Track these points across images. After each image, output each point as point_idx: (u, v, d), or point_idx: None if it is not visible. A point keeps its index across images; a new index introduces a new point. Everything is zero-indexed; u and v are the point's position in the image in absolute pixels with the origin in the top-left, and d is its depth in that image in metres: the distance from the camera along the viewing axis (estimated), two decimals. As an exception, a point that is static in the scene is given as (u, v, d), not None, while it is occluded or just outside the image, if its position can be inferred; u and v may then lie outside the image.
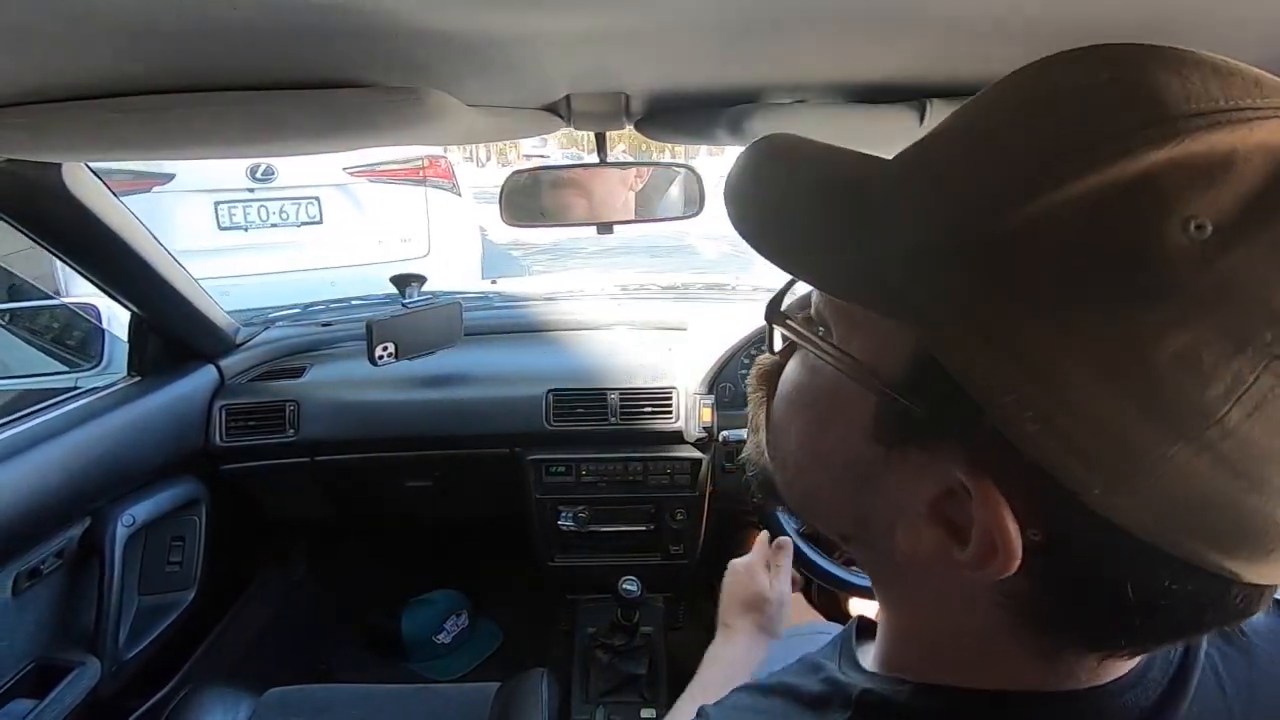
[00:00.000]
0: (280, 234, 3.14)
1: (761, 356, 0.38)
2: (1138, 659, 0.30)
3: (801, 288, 0.35)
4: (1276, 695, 0.33)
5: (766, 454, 0.36)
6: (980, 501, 0.25)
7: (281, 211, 3.14)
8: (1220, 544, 0.23)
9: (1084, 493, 0.23)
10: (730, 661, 0.75)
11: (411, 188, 3.31)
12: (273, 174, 3.05)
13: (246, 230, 3.10)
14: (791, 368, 0.34)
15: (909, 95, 0.67)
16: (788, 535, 1.05)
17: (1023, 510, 0.25)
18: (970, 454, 0.25)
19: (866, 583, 1.00)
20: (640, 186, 0.99)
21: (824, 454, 0.32)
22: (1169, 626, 0.26)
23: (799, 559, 1.04)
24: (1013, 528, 0.25)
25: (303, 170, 3.13)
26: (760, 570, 0.83)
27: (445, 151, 3.80)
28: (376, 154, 3.21)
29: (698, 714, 0.38)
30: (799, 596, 1.21)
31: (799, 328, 0.31)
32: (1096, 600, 0.26)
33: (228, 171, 3.02)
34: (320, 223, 3.20)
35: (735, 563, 0.85)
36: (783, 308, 0.33)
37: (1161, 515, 0.23)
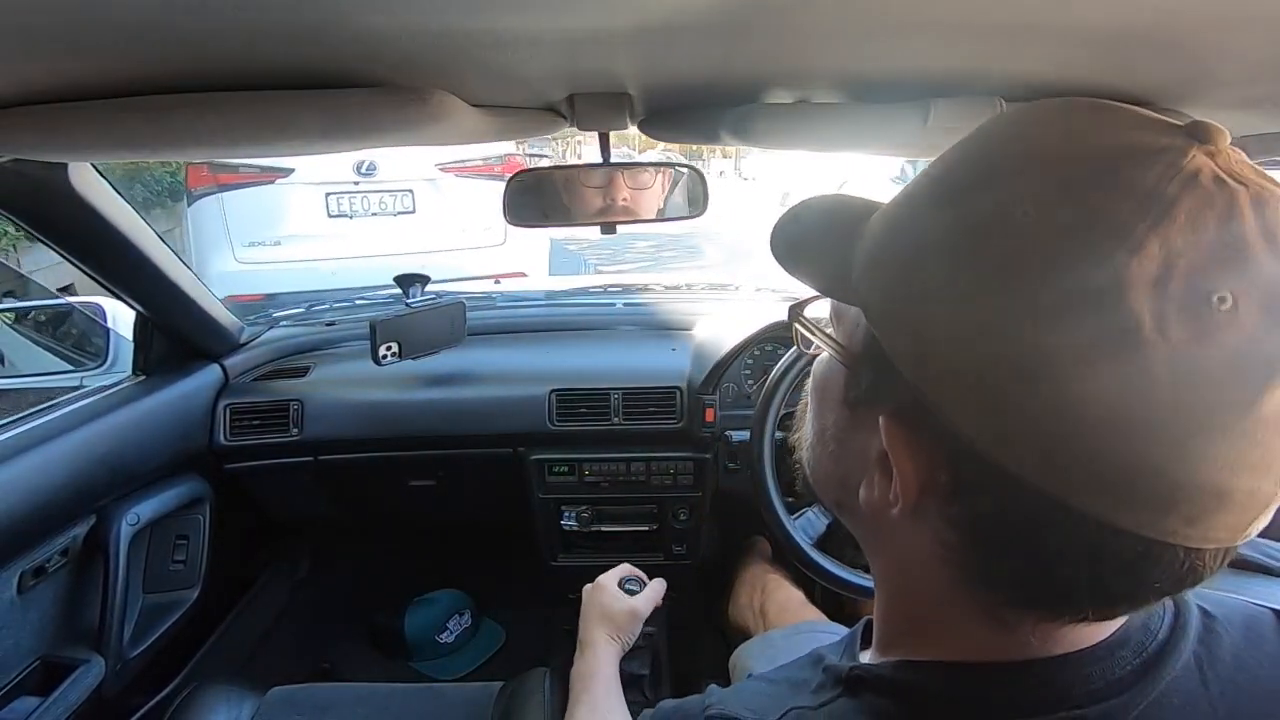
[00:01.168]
0: (380, 221, 3.59)
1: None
2: (1107, 633, 0.33)
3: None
4: (1263, 700, 0.33)
5: (800, 446, 0.43)
6: (886, 438, 0.32)
7: (381, 202, 3.58)
8: (1071, 482, 0.26)
9: (948, 419, 0.28)
10: (591, 675, 0.82)
11: (490, 182, 3.63)
12: (374, 169, 3.46)
13: (351, 218, 3.56)
14: (814, 367, 0.41)
15: (912, 95, 0.67)
16: (799, 544, 1.05)
17: (929, 452, 0.30)
18: (895, 408, 0.31)
19: (862, 581, 1.00)
20: (644, 187, 0.99)
21: (823, 429, 0.39)
22: (1104, 587, 0.29)
23: (800, 558, 1.04)
24: (906, 457, 0.31)
25: (399, 166, 3.53)
26: (609, 586, 0.93)
27: (518, 149, 4.23)
28: (461, 151, 3.60)
29: (708, 694, 0.42)
30: (800, 596, 1.21)
31: (804, 320, 0.39)
32: (1016, 552, 0.29)
33: (337, 167, 3.46)
34: (413, 212, 3.61)
35: (588, 585, 0.95)
36: (805, 313, 0.41)
37: (1008, 442, 0.27)
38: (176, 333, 1.30)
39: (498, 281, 2.07)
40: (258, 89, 0.58)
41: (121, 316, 1.60)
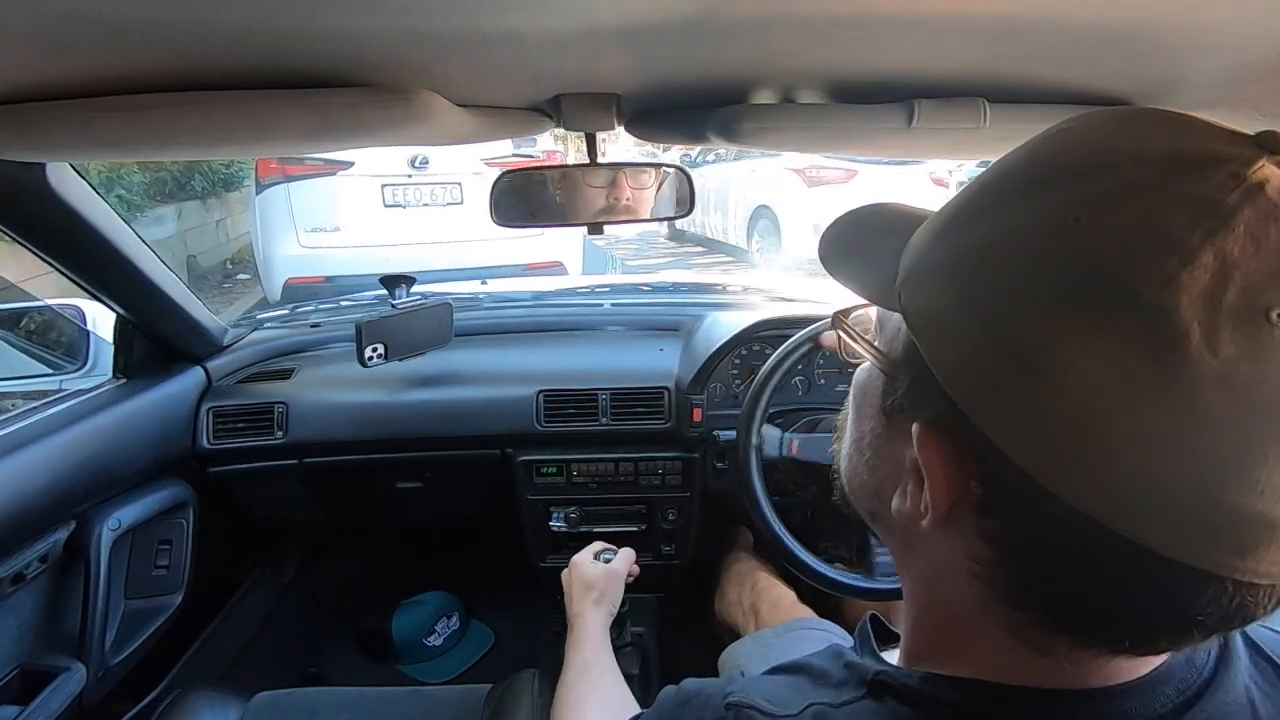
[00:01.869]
0: (430, 212, 3.91)
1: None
2: (1149, 668, 0.31)
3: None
4: None
5: (837, 456, 0.43)
6: (918, 445, 0.31)
7: (432, 193, 3.90)
8: (1102, 499, 0.25)
9: (985, 429, 0.27)
10: (581, 640, 0.86)
11: (532, 175, 3.90)
12: (427, 163, 3.79)
13: (404, 208, 3.89)
14: (855, 374, 0.41)
15: (898, 95, 0.68)
16: (778, 534, 1.05)
17: (963, 462, 0.30)
18: (931, 416, 0.31)
19: (850, 580, 1.01)
20: (631, 187, 0.99)
21: (860, 436, 0.39)
22: (1142, 616, 0.28)
23: (789, 558, 1.05)
24: (939, 466, 0.30)
25: (449, 161, 3.85)
26: (584, 561, 0.99)
27: (556, 144, 4.47)
28: (504, 147, 3.87)
29: (729, 680, 0.41)
30: (791, 594, 1.21)
31: (847, 326, 0.39)
32: (1049, 571, 0.29)
33: (392, 161, 3.78)
34: (461, 203, 3.91)
35: (565, 570, 1.00)
36: (850, 318, 0.41)
37: (1040, 455, 0.26)
38: (158, 335, 1.28)
39: (484, 282, 2.08)
40: (240, 88, 0.58)
41: (101, 319, 1.58)
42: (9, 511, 0.93)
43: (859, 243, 0.39)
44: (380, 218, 3.83)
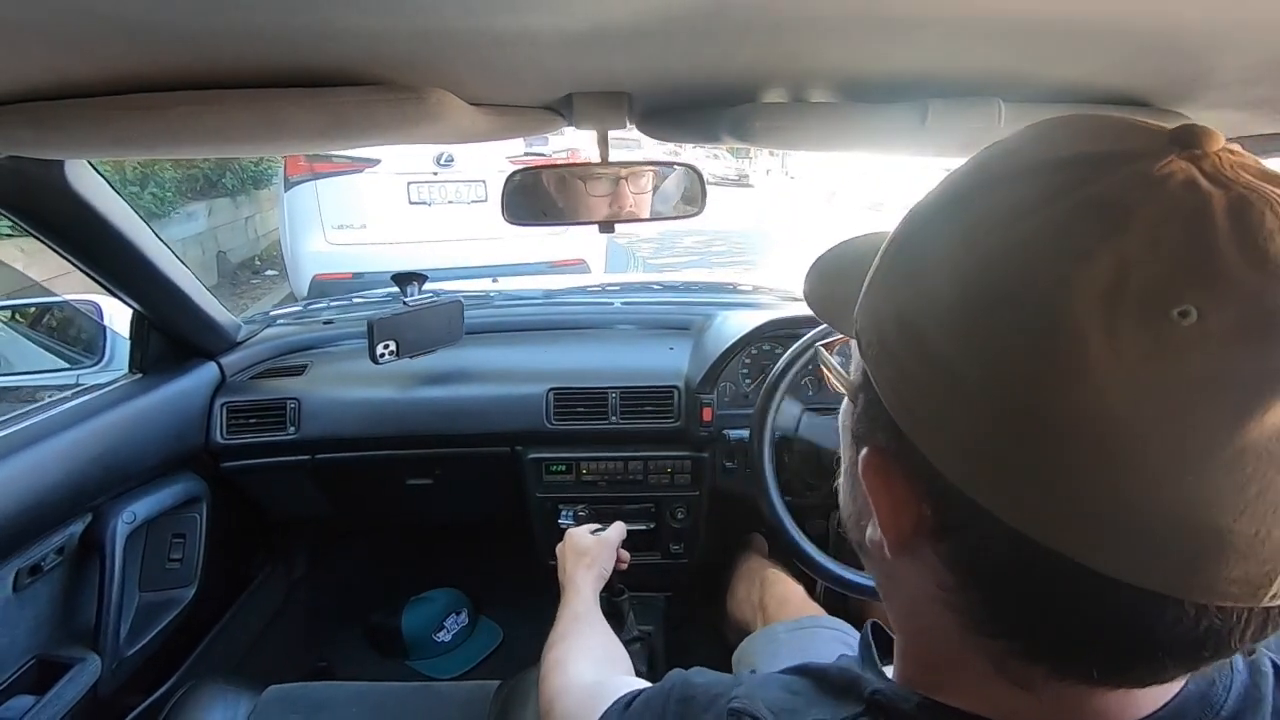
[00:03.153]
0: (455, 209, 3.95)
1: None
2: (1154, 706, 0.30)
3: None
4: None
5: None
6: (861, 471, 0.31)
7: (457, 191, 3.94)
8: (1033, 515, 0.25)
9: (922, 447, 0.27)
10: (578, 598, 0.89)
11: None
12: (452, 161, 3.83)
13: (430, 205, 3.93)
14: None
15: (911, 95, 0.67)
16: (789, 532, 1.05)
17: (913, 487, 0.29)
18: (881, 441, 0.31)
19: (862, 579, 1.01)
20: (642, 185, 0.99)
21: (846, 467, 0.38)
22: (1105, 643, 0.26)
23: (800, 556, 1.04)
24: (889, 493, 0.30)
25: (474, 159, 3.87)
26: (576, 531, 1.02)
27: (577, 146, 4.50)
28: (526, 145, 3.88)
29: (736, 679, 0.41)
30: (801, 590, 1.21)
31: (823, 355, 0.40)
32: (1010, 596, 0.28)
33: (418, 159, 3.83)
34: (485, 201, 3.93)
35: (560, 544, 1.03)
36: (835, 350, 0.42)
37: (973, 471, 0.26)
38: (173, 331, 1.29)
39: (495, 280, 2.09)
40: (256, 87, 0.58)
41: (118, 314, 1.59)
42: (27, 504, 0.95)
43: (836, 277, 0.39)
44: (406, 215, 3.88)
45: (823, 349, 0.42)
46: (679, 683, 0.42)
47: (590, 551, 0.97)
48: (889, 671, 0.38)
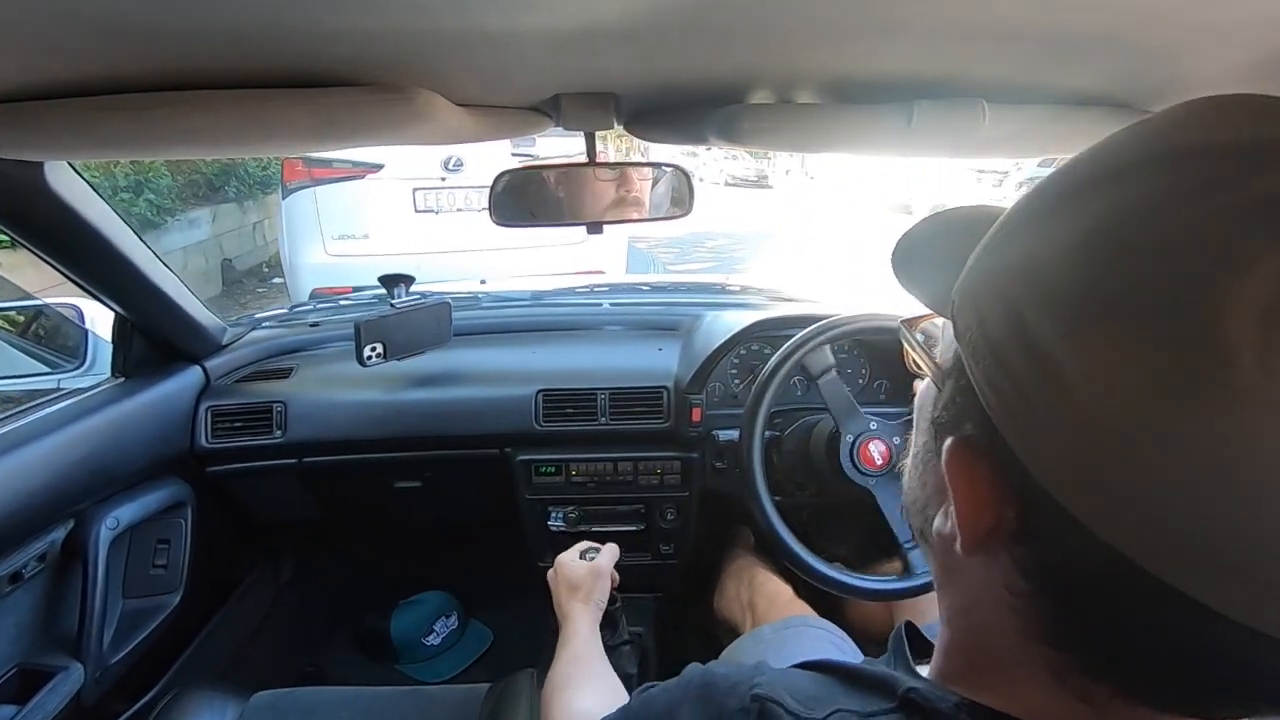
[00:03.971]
0: (464, 218, 3.62)
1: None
2: None
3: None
4: None
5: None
6: (946, 463, 0.29)
7: (466, 198, 3.61)
8: (1137, 539, 0.23)
9: (1018, 449, 0.26)
10: (571, 636, 0.86)
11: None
12: (461, 165, 3.51)
13: (437, 213, 3.62)
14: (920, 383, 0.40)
15: (897, 96, 0.68)
16: (779, 533, 1.06)
17: (999, 486, 0.28)
18: (970, 433, 0.29)
19: (850, 580, 1.01)
20: (631, 186, 0.99)
21: (917, 451, 0.37)
22: (1191, 676, 0.25)
23: (790, 557, 1.05)
24: (973, 490, 0.29)
25: (486, 164, 3.47)
26: (568, 560, 0.99)
27: (606, 147, 4.21)
28: (544, 151, 3.61)
29: (757, 669, 0.39)
30: (788, 590, 1.21)
31: (908, 335, 0.38)
32: (1087, 612, 0.26)
33: (425, 163, 3.51)
34: None
35: (550, 570, 1.00)
36: (918, 328, 0.40)
37: (1073, 482, 0.24)
38: (157, 334, 1.28)
39: (483, 281, 2.07)
40: (241, 87, 0.58)
41: (100, 318, 1.57)
42: (7, 510, 0.93)
43: (929, 248, 0.38)
44: (411, 224, 3.60)
45: (905, 326, 0.39)
46: (699, 672, 0.41)
47: (584, 584, 0.94)
48: (923, 671, 0.37)
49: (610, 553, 1.00)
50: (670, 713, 0.39)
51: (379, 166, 3.53)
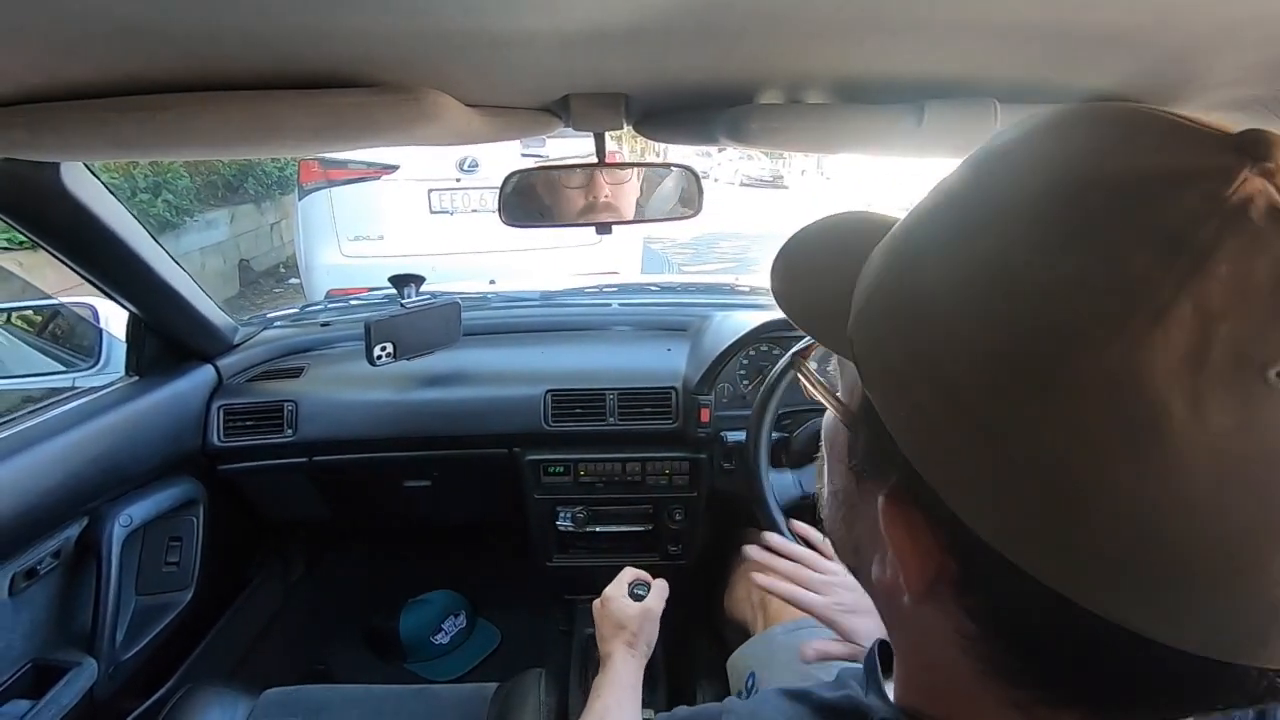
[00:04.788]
0: (479, 218, 3.56)
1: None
2: None
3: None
4: None
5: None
6: (884, 521, 0.28)
7: (481, 199, 3.55)
8: (1071, 574, 0.23)
9: (952, 502, 0.24)
10: (608, 683, 0.81)
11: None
12: (476, 166, 3.48)
13: (452, 214, 3.58)
14: (824, 417, 0.38)
15: (907, 97, 0.68)
16: (786, 535, 1.05)
17: (935, 537, 0.26)
18: (896, 484, 0.27)
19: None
20: (639, 186, 0.99)
21: (833, 488, 0.35)
22: (1157, 702, 0.25)
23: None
24: (914, 542, 0.27)
25: (500, 164, 3.50)
26: (617, 596, 0.92)
27: (620, 146, 4.23)
28: (561, 151, 3.56)
29: (724, 708, 0.39)
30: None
31: (805, 369, 0.35)
32: (1043, 651, 0.26)
33: (440, 164, 3.49)
34: None
35: (596, 602, 0.93)
36: (810, 361, 0.38)
37: (1010, 532, 0.23)
38: (170, 333, 1.29)
39: (492, 282, 2.07)
40: (252, 89, 0.58)
41: (114, 317, 1.59)
42: (23, 507, 0.94)
43: (811, 266, 0.34)
44: (426, 225, 3.56)
45: (801, 360, 0.37)
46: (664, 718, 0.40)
47: (630, 625, 0.87)
48: (890, 689, 0.37)
49: (660, 592, 0.95)
50: None
51: (394, 167, 3.52)
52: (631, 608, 0.90)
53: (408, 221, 3.56)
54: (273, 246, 6.67)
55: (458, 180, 3.56)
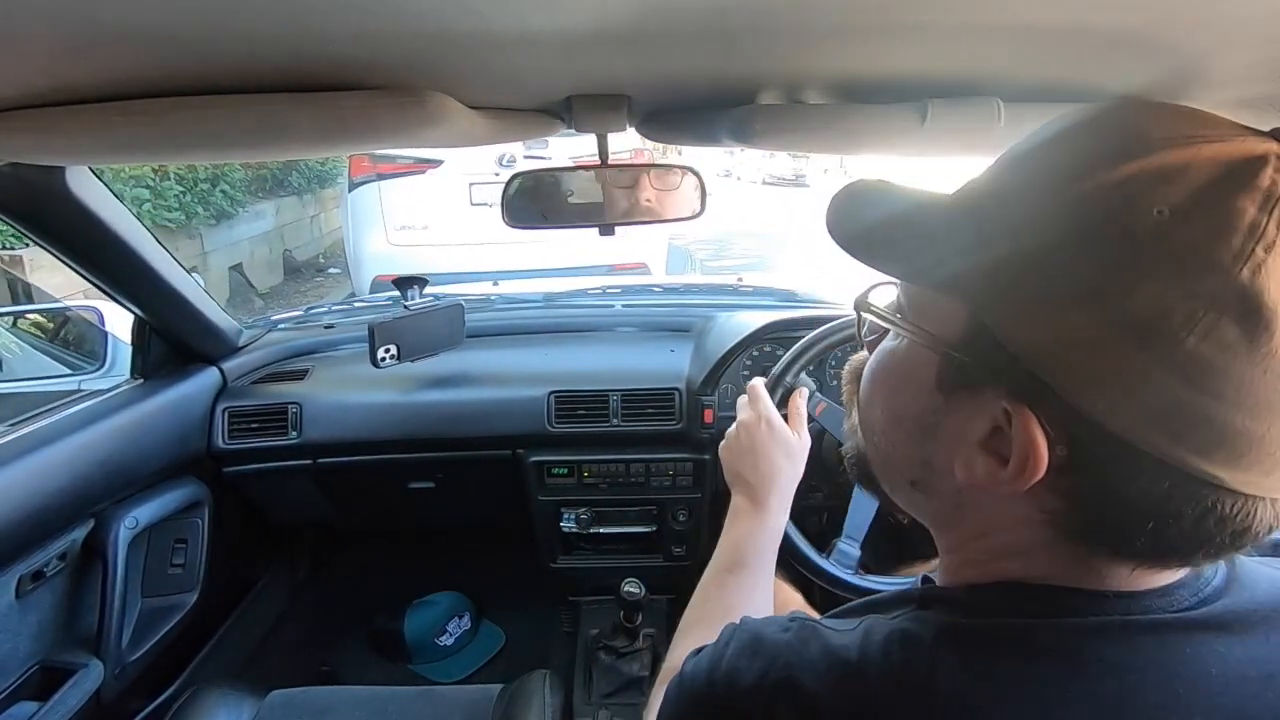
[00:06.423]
0: None
1: (854, 357, 0.48)
2: (1165, 581, 0.36)
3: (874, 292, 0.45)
4: None
5: (859, 430, 0.45)
6: (1019, 424, 0.33)
7: None
8: (1197, 449, 0.30)
9: (1083, 402, 0.30)
10: (752, 546, 0.77)
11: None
12: (513, 162, 3.71)
13: (491, 206, 3.70)
14: (875, 354, 0.43)
15: (910, 96, 0.67)
16: (790, 536, 1.05)
17: (1049, 429, 0.32)
18: (1009, 391, 0.33)
19: (862, 583, 1.00)
20: (643, 188, 0.99)
21: (899, 413, 0.40)
22: (1178, 536, 0.31)
23: (801, 560, 1.04)
24: (1041, 441, 0.32)
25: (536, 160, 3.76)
26: (777, 419, 0.76)
27: (644, 146, 4.35)
28: (591, 147, 3.48)
29: (789, 613, 0.43)
30: (799, 597, 1.20)
31: (883, 311, 0.41)
32: (1115, 512, 0.32)
33: (480, 160, 3.78)
34: None
35: (730, 431, 0.79)
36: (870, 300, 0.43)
37: (1143, 421, 0.30)
38: (174, 336, 1.29)
39: (496, 284, 2.09)
40: (256, 92, 0.58)
41: (119, 320, 1.60)
42: (29, 510, 0.95)
43: (887, 226, 0.39)
44: (467, 216, 3.84)
45: (870, 304, 0.42)
46: (732, 630, 0.42)
47: (798, 455, 0.75)
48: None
49: (799, 406, 0.81)
50: (716, 664, 0.40)
51: (439, 162, 3.80)
52: (794, 438, 0.76)
53: (450, 213, 3.83)
54: (312, 238, 6.93)
55: (496, 175, 3.77)
